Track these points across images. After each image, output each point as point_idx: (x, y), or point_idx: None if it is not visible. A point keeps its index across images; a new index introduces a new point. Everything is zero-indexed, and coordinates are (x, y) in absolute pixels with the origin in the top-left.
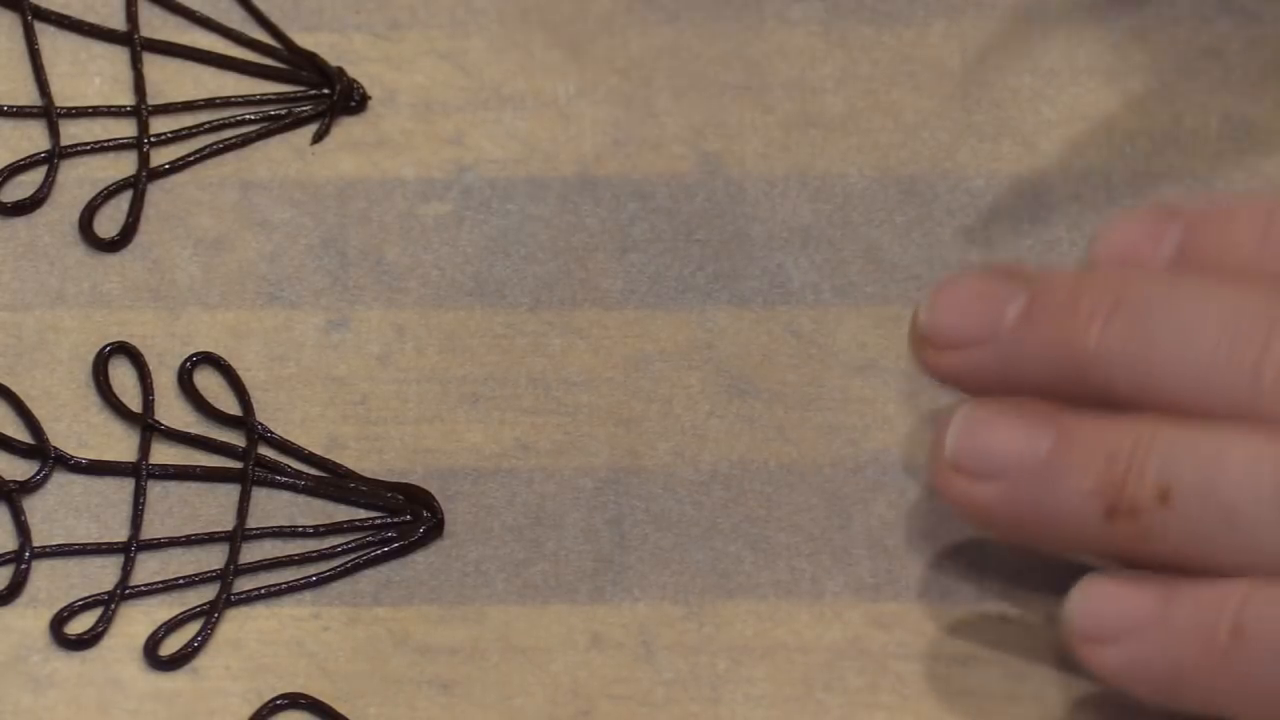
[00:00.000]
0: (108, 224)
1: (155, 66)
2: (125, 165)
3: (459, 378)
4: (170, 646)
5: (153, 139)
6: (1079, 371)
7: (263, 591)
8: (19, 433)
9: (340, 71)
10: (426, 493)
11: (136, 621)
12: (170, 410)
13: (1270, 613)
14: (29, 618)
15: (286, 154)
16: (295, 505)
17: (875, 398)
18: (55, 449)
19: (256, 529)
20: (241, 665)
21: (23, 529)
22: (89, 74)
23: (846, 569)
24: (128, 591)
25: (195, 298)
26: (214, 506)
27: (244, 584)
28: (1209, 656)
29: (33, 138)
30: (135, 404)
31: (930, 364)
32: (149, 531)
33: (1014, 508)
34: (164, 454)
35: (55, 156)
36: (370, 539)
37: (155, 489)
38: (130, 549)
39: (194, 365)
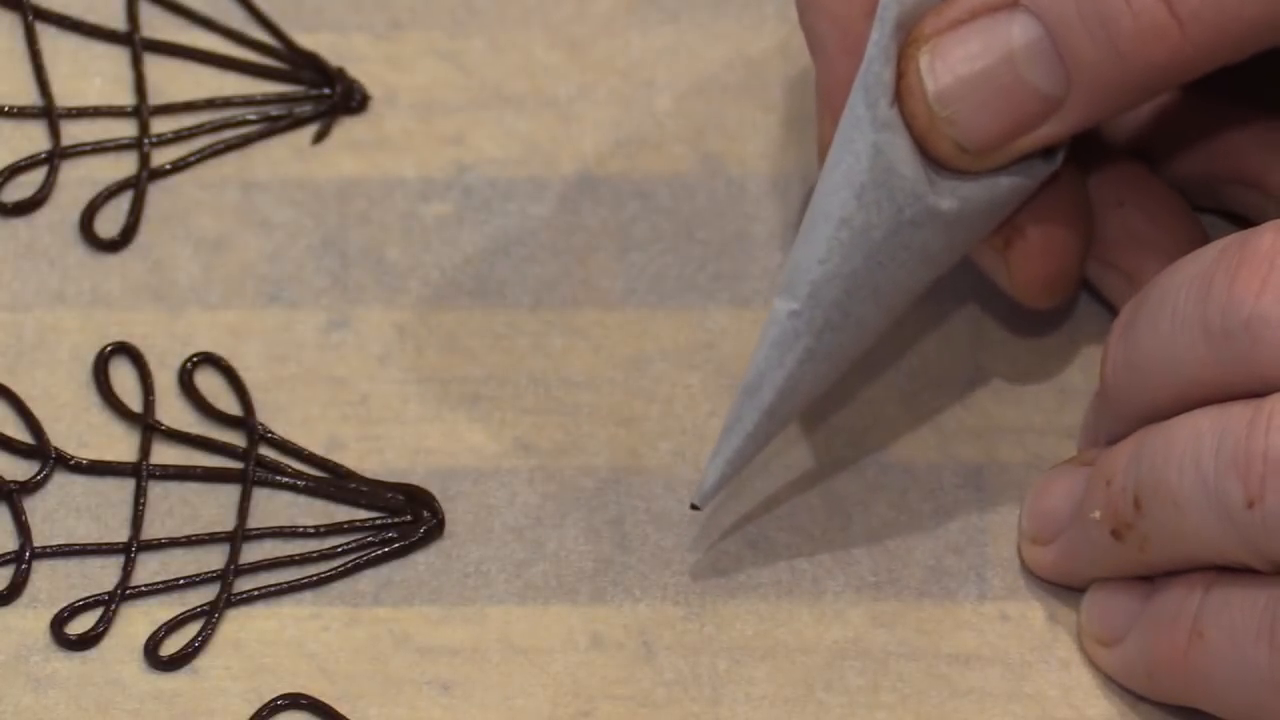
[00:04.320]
0: (108, 224)
1: (156, 67)
2: (126, 165)
3: (459, 378)
4: (170, 646)
5: (153, 139)
6: None
7: (263, 592)
8: (19, 433)
9: (341, 72)
10: (427, 493)
11: (137, 621)
12: (171, 410)
13: (1223, 613)
14: (29, 618)
15: (287, 154)
16: (296, 505)
17: (875, 398)
18: (55, 449)
19: (257, 529)
20: (241, 665)
21: (23, 529)
22: (90, 74)
23: (847, 569)
24: (128, 592)
25: (195, 298)
26: (214, 507)
27: (244, 584)
28: (1174, 656)
29: (33, 138)
30: (135, 404)
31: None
32: (149, 532)
33: (1065, 561)
34: (164, 454)
35: (56, 157)
36: (371, 539)
37: (155, 489)
38: (131, 549)
39: (194, 365)
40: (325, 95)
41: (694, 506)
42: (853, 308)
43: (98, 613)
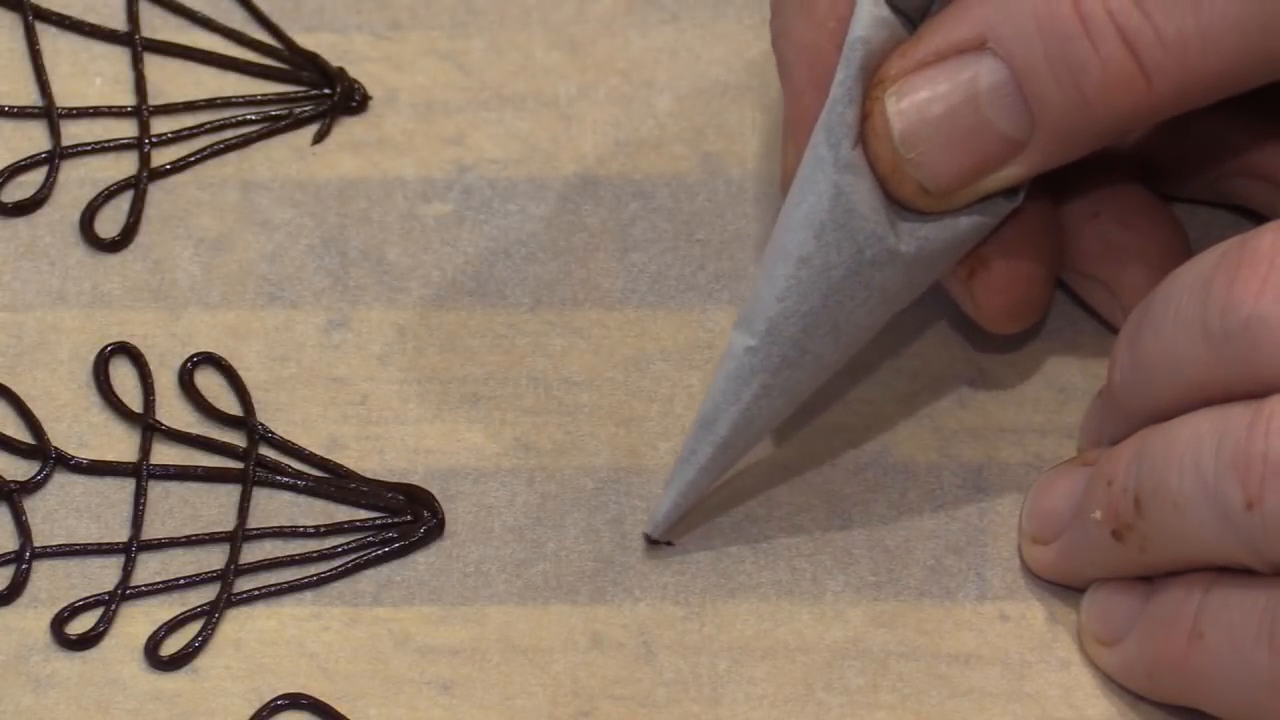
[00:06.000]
0: (108, 224)
1: (156, 67)
2: (126, 165)
3: (459, 378)
4: (171, 646)
5: (154, 139)
6: None
7: (263, 592)
8: (19, 433)
9: (341, 72)
10: (427, 493)
11: (137, 621)
12: (171, 410)
13: (1223, 614)
14: (30, 618)
15: (287, 154)
16: (296, 505)
17: (875, 398)
18: (56, 449)
19: (257, 529)
20: (241, 665)
21: (23, 529)
22: (90, 74)
23: (847, 569)
24: (128, 591)
25: (196, 298)
26: (215, 507)
27: (244, 584)
28: (1174, 656)
29: (33, 138)
30: (136, 404)
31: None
32: (150, 532)
33: (1065, 560)
34: (165, 454)
35: (56, 157)
36: (371, 539)
37: (156, 489)
38: (131, 549)
39: (195, 365)
40: (325, 95)
41: (646, 537)
42: (810, 345)
43: (98, 613)
